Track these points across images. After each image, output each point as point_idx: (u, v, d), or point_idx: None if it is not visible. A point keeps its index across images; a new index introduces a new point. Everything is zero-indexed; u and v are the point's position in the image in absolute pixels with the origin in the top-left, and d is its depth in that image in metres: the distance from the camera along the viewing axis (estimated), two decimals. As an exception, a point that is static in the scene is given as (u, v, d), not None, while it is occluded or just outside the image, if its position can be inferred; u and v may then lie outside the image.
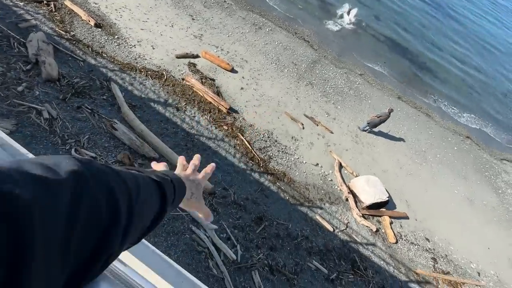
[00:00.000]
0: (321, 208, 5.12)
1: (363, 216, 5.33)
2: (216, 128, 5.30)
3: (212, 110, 5.53)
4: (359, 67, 9.06)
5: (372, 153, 6.67)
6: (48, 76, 4.29)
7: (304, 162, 5.72)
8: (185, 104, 5.39)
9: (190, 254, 3.56)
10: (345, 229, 5.02)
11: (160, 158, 4.23)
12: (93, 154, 3.77)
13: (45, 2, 5.66)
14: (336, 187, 5.64)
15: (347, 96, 7.71)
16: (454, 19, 15.29)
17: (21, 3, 5.35)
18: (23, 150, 0.69)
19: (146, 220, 0.51)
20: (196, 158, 0.90)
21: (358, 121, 7.09)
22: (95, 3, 6.33)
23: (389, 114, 6.46)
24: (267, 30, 8.32)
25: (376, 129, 6.99)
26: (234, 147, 5.20)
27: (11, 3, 5.19)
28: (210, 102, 5.63)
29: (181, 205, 0.74)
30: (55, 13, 5.58)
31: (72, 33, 5.39)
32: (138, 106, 4.88)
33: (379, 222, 5.50)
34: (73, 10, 5.80)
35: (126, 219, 0.41)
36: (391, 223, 5.47)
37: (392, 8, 13.11)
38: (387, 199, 5.41)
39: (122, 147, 4.12)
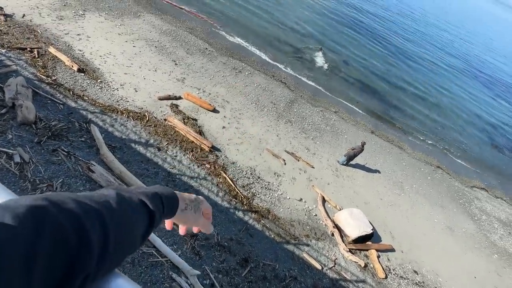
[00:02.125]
0: (308, 245, 5.00)
1: (350, 251, 5.24)
2: (198, 166, 5.28)
3: (194, 149, 5.56)
4: (333, 105, 9.74)
5: (353, 186, 6.84)
6: (24, 119, 4.20)
7: (288, 197, 5.72)
8: (167, 144, 5.39)
9: (169, 307, 3.24)
10: (334, 266, 4.87)
11: (139, 200, 4.05)
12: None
13: (28, 49, 5.79)
14: (321, 222, 5.60)
15: (325, 132, 8.12)
16: (411, 65, 17.33)
17: (3, 50, 5.43)
18: None
19: (130, 236, 0.54)
20: None
21: (336, 155, 7.38)
22: (80, 50, 6.56)
23: (363, 147, 6.83)
24: (247, 73, 8.91)
25: (353, 162, 7.28)
26: (217, 185, 5.14)
27: (-8, 50, 5.26)
28: (192, 141, 5.68)
29: (176, 218, 0.75)
30: (38, 59, 5.69)
31: (53, 78, 5.45)
32: (118, 147, 4.81)
33: (366, 256, 5.41)
34: (56, 57, 5.95)
35: (100, 241, 0.44)
36: (378, 256, 5.40)
37: (358, 54, 14.72)
38: (372, 231, 5.42)
39: (99, 190, 3.93)
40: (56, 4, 7.62)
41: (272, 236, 4.80)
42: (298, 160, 6.68)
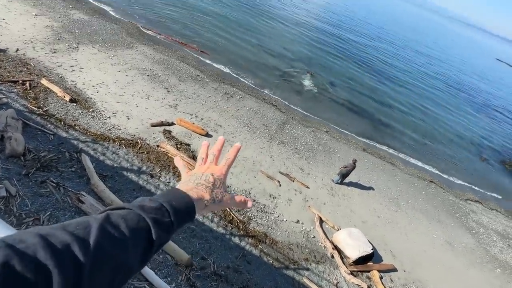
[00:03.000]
0: (308, 269, 4.82)
1: (352, 273, 5.07)
2: (192, 192, 5.17)
3: (187, 174, 5.48)
4: (324, 125, 9.95)
5: (349, 204, 6.79)
6: (13, 151, 4.12)
7: (285, 220, 5.61)
8: (160, 170, 5.32)
9: None
10: (336, 290, 4.68)
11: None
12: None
13: (20, 81, 5.84)
14: (319, 243, 5.46)
15: (317, 152, 8.20)
16: (394, 85, 18.14)
17: (-5, 84, 5.46)
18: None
19: (117, 268, 0.47)
20: (218, 143, 0.84)
21: (330, 174, 7.40)
22: (72, 81, 6.65)
23: (354, 164, 6.90)
24: (238, 97, 9.13)
25: (347, 180, 7.30)
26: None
27: (-17, 84, 5.27)
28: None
29: (201, 213, 0.69)
30: (30, 91, 5.72)
31: (45, 109, 5.45)
32: (110, 176, 4.72)
33: (368, 278, 5.23)
34: (48, 88, 6.00)
35: (70, 282, 0.39)
36: (381, 277, 5.23)
37: (343, 77, 15.38)
38: (372, 251, 5.30)
39: (88, 222, 3.78)
40: (50, 38, 7.83)
41: (271, 261, 4.63)
42: (293, 181, 6.65)
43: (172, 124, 6.69)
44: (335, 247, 5.39)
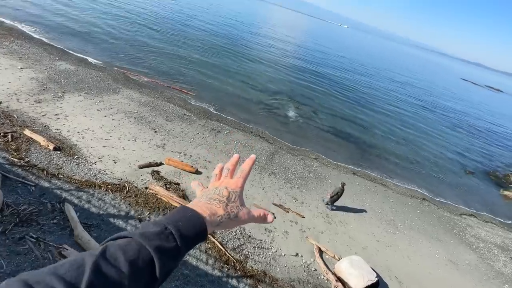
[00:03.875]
0: (313, 307, 4.50)
1: (360, 306, 4.77)
2: (184, 233, 4.93)
3: (178, 215, 5.27)
4: (312, 153, 10.11)
5: (347, 231, 6.64)
6: (-11, 208, 3.88)
7: (283, 254, 5.36)
8: (149, 213, 5.11)
9: None
10: (346, 329, 4.33)
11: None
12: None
13: (2, 134, 5.72)
14: (322, 276, 5.18)
15: (309, 180, 8.20)
16: (374, 110, 19.12)
17: (-26, 138, 5.31)
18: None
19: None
20: (233, 159, 0.82)
21: (330, 206, 7.32)
22: (57, 129, 6.59)
23: (343, 187, 6.93)
24: (226, 132, 9.26)
25: (340, 204, 7.23)
26: (206, 252, 4.76)
27: (-38, 140, 5.12)
28: (176, 207, 5.44)
29: (216, 229, 0.64)
30: (12, 142, 5.59)
31: (26, 160, 5.28)
32: (95, 224, 4.47)
33: (378, 310, 4.92)
34: (32, 138, 5.89)
35: None
36: (390, 308, 4.94)
37: (326, 105, 16.12)
38: (377, 279, 5.07)
39: (71, 278, 3.47)
40: (35, 90, 7.91)
41: (273, 303, 4.31)
42: (288, 212, 6.52)
43: (161, 164, 6.60)
44: (338, 279, 5.13)
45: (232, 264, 4.70)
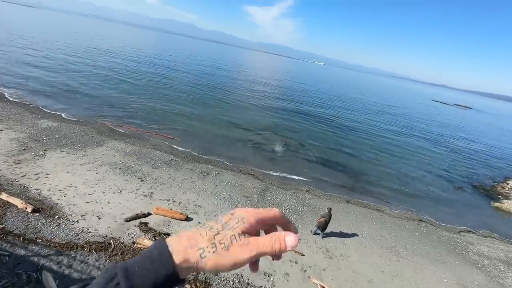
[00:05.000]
0: None
1: None
2: (177, 290, 4.52)
3: (170, 269, 4.89)
4: (303, 185, 10.06)
5: (349, 264, 6.33)
6: (-46, 288, 3.45)
7: (286, 300, 4.96)
8: (137, 271, 4.70)
9: None
10: None
11: None
12: None
13: (-25, 201, 5.37)
14: (331, 321, 4.77)
15: (303, 213, 8.02)
16: (357, 137, 19.85)
17: None
18: None
19: None
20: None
21: (321, 235, 7.09)
22: (37, 189, 6.28)
23: (330, 212, 6.87)
24: (215, 174, 9.16)
25: (338, 234, 7.01)
26: (202, 308, 4.33)
27: None
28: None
29: (200, 271, 0.45)
30: (-15, 209, 5.23)
31: (1, 226, 4.90)
32: (77, 292, 4.03)
33: None
34: (8, 202, 5.56)
35: None
36: None
37: (311, 136, 16.59)
38: (389, 316, 4.72)
39: None
40: (15, 150, 7.70)
41: None
42: (286, 251, 6.20)
43: (149, 214, 6.30)
44: (349, 321, 4.72)
45: (232, 319, 4.27)
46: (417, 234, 8.40)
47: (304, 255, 6.23)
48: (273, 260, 0.52)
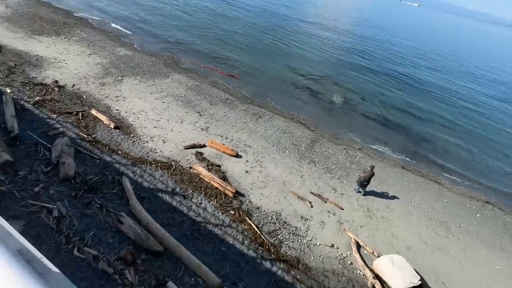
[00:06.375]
0: (346, 300, 4.43)
1: (398, 307, 4.53)
2: (223, 213, 5.21)
3: (218, 195, 5.57)
4: (356, 143, 9.53)
5: (389, 228, 6.24)
6: (65, 175, 4.59)
7: (318, 244, 5.31)
8: (192, 191, 5.49)
9: None
10: (380, 327, 4.19)
11: (165, 251, 4.01)
12: (95, 253, 3.62)
13: (74, 112, 6.63)
14: (358, 271, 5.03)
15: (351, 170, 7.81)
16: (431, 95, 16.97)
17: (54, 115, 6.26)
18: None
19: None
20: None
21: (367, 194, 6.94)
22: (117, 110, 7.36)
23: (372, 170, 6.57)
24: (267, 118, 9.25)
25: (383, 198, 6.77)
26: (242, 232, 4.97)
27: (45, 116, 6.08)
28: (217, 188, 5.73)
29: None
30: (82, 120, 6.44)
31: (93, 136, 6.06)
32: (146, 197, 4.98)
33: (418, 314, 4.62)
34: (97, 117, 6.71)
35: None
36: (433, 315, 4.59)
37: (374, 90, 14.83)
38: (420, 282, 4.72)
39: (127, 242, 3.98)
40: (100, 74, 8.88)
41: (305, 289, 4.35)
42: (326, 202, 6.36)
43: (204, 146, 6.95)
44: (376, 276, 4.91)
45: (267, 247, 4.84)
46: (478, 215, 7.55)
47: (343, 209, 6.32)
48: None
